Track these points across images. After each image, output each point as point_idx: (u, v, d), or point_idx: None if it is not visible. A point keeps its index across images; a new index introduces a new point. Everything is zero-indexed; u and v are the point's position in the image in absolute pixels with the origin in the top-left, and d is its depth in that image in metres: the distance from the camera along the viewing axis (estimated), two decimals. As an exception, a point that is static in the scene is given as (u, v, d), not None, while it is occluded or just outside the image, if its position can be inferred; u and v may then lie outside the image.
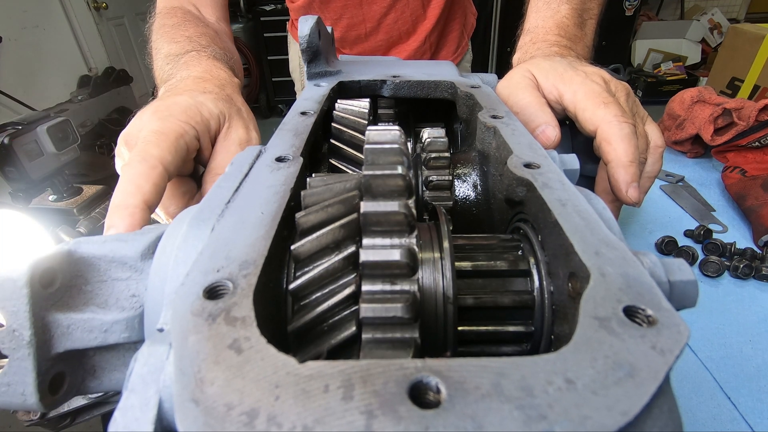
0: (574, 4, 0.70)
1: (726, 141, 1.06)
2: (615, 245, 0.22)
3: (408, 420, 0.14)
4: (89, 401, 0.59)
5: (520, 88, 0.54)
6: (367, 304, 0.21)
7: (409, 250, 0.22)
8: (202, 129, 0.49)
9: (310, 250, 0.24)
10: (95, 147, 3.17)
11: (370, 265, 0.22)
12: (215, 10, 0.84)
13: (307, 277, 0.23)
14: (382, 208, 0.23)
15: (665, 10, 5.28)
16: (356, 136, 0.41)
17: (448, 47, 1.25)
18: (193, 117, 0.48)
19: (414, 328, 0.22)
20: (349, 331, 0.22)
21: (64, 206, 1.61)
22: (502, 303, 0.26)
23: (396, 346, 0.21)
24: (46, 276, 0.25)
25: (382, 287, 0.22)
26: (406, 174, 0.24)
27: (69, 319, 0.25)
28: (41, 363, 0.24)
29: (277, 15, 4.17)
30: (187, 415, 0.15)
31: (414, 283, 0.22)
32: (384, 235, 0.23)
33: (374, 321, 0.21)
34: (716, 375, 0.61)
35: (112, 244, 0.28)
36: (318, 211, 0.25)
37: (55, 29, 3.47)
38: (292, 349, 0.24)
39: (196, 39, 0.67)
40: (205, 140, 0.49)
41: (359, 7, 1.11)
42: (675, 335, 0.17)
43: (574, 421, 0.14)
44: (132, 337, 0.27)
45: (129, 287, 0.28)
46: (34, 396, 0.24)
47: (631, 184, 0.45)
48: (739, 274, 0.77)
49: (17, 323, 0.24)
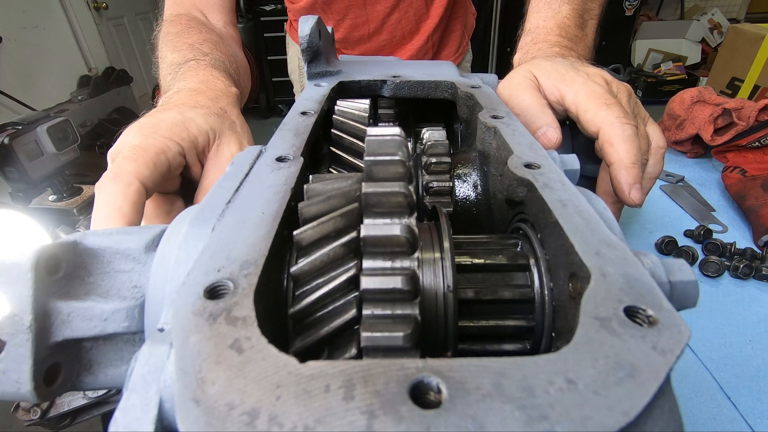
0: (575, 4, 0.70)
1: (726, 141, 1.06)
2: (616, 245, 0.22)
3: (409, 420, 0.14)
4: (89, 401, 0.59)
5: (521, 89, 0.54)
6: (367, 333, 0.21)
7: (409, 227, 0.22)
8: (188, 145, 0.48)
9: (312, 236, 0.24)
10: (95, 147, 3.17)
11: (371, 241, 0.22)
12: (222, 15, 0.84)
13: (308, 301, 0.23)
14: (383, 189, 0.23)
15: (665, 10, 5.28)
16: (356, 142, 0.41)
17: (450, 47, 1.25)
18: (178, 133, 0.47)
19: (414, 305, 0.22)
20: (350, 313, 0.23)
21: (64, 206, 1.61)
22: (503, 296, 0.26)
23: (396, 321, 0.21)
24: (51, 263, 0.25)
25: (383, 263, 0.22)
26: (405, 160, 0.24)
27: (70, 307, 0.26)
28: (39, 351, 0.24)
29: (276, 15, 4.17)
30: (188, 414, 0.15)
31: (414, 261, 0.23)
32: (384, 215, 0.23)
33: (374, 295, 0.22)
34: (716, 375, 0.61)
35: (117, 237, 0.28)
36: (320, 201, 0.25)
37: (55, 29, 3.47)
38: (291, 333, 0.24)
39: (198, 46, 0.66)
40: (191, 156, 0.49)
41: (363, 7, 1.10)
42: (676, 335, 0.17)
43: (576, 422, 0.14)
44: (131, 326, 0.27)
45: (131, 279, 0.28)
46: (28, 384, 0.24)
47: (633, 186, 0.45)
48: (739, 274, 0.77)
49: (19, 308, 0.24)
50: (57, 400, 0.60)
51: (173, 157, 0.46)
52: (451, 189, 0.39)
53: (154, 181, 0.43)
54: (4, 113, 2.84)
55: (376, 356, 0.21)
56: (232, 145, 0.51)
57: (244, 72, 0.75)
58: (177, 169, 0.47)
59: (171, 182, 0.49)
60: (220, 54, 0.67)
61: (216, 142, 0.51)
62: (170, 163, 0.45)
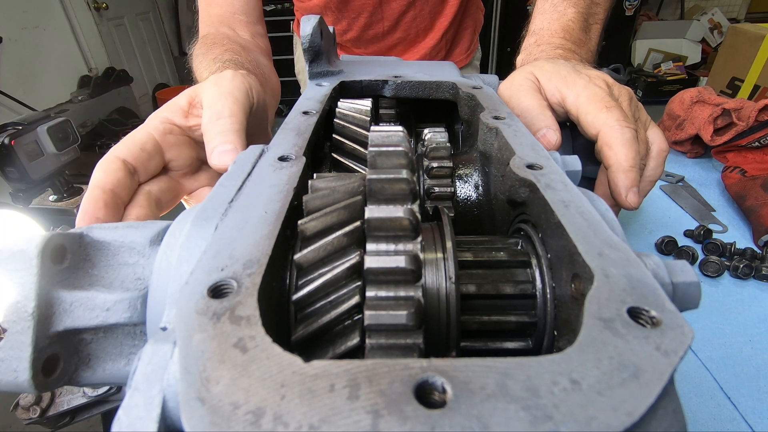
0: (580, 7, 0.70)
1: (726, 141, 1.06)
2: (618, 246, 0.22)
3: (414, 420, 0.14)
4: (89, 400, 0.59)
5: (522, 91, 0.54)
6: (371, 311, 0.21)
7: (414, 257, 0.22)
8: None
9: (313, 259, 0.24)
10: (95, 147, 3.17)
11: (375, 223, 0.22)
12: (249, 27, 0.86)
13: (311, 288, 0.23)
14: (387, 214, 0.23)
15: (665, 10, 5.28)
16: (357, 148, 0.41)
17: (462, 45, 1.25)
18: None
19: (418, 334, 0.22)
20: (353, 342, 0.23)
21: (64, 206, 1.61)
22: (504, 291, 0.26)
23: (399, 302, 0.21)
24: (56, 252, 0.26)
25: (387, 293, 0.22)
26: (410, 178, 0.24)
27: (73, 296, 0.26)
28: (39, 339, 0.25)
29: (277, 15, 4.16)
30: (193, 413, 0.15)
31: (418, 289, 0.22)
32: (388, 240, 0.23)
33: (378, 276, 0.22)
34: (716, 375, 0.61)
35: (123, 230, 0.29)
36: (321, 217, 0.25)
37: (56, 29, 3.47)
38: (294, 321, 0.24)
39: (219, 56, 0.67)
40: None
41: (378, 5, 1.10)
42: (679, 336, 0.17)
43: (580, 422, 0.14)
44: (133, 317, 0.27)
45: (135, 271, 0.28)
46: (26, 373, 0.24)
47: (631, 189, 0.45)
48: (739, 274, 0.77)
49: (23, 294, 0.24)
50: (56, 398, 0.60)
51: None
52: (452, 194, 0.39)
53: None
54: (5, 113, 2.84)
55: (379, 338, 0.21)
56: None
57: (270, 80, 0.75)
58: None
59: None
60: (241, 59, 0.67)
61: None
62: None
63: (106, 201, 0.40)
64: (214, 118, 0.44)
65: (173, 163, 0.48)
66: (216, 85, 0.47)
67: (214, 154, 0.42)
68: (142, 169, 0.44)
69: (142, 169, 0.44)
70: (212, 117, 0.44)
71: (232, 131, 0.43)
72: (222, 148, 0.42)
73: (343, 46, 1.20)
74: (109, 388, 0.53)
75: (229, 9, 0.84)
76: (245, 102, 0.47)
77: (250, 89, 0.49)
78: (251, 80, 0.51)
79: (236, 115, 0.44)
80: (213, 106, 0.45)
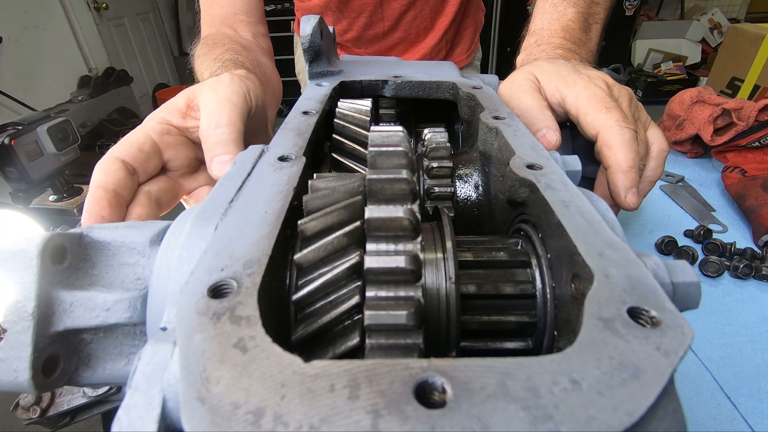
0: (580, 7, 0.70)
1: (726, 141, 1.06)
2: (618, 247, 0.22)
3: (414, 420, 0.14)
4: (89, 400, 0.59)
5: (522, 91, 0.54)
6: (371, 311, 0.21)
7: (414, 257, 0.22)
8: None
9: (313, 259, 0.24)
10: (95, 147, 3.17)
11: (375, 223, 0.22)
12: (250, 27, 0.86)
13: (311, 288, 0.23)
14: (387, 214, 0.23)
15: (665, 10, 5.28)
16: (357, 149, 0.41)
17: (463, 45, 1.24)
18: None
19: (418, 334, 0.22)
20: (353, 342, 0.23)
21: (64, 206, 1.61)
22: (504, 291, 0.26)
23: (399, 302, 0.21)
24: (57, 252, 0.26)
25: (387, 293, 0.22)
26: (410, 178, 0.24)
27: (73, 296, 0.26)
28: (39, 339, 0.25)
29: (277, 15, 4.16)
30: (193, 413, 0.15)
31: (418, 289, 0.22)
32: (388, 240, 0.23)
33: (378, 276, 0.22)
34: (716, 375, 0.61)
35: (123, 230, 0.29)
36: (321, 217, 0.25)
37: (55, 29, 3.47)
38: (294, 321, 0.24)
39: (220, 56, 0.67)
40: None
41: (379, 5, 1.10)
42: (679, 336, 0.17)
43: (580, 422, 0.14)
44: (133, 317, 0.27)
45: (135, 271, 0.28)
46: (26, 373, 0.24)
47: (630, 190, 0.45)
48: (739, 274, 0.77)
49: (23, 294, 0.24)
50: (56, 398, 0.60)
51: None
52: (452, 195, 0.39)
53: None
54: (5, 113, 2.84)
55: (379, 338, 0.21)
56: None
57: (271, 79, 0.75)
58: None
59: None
60: (242, 58, 0.67)
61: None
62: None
63: (109, 200, 0.40)
64: (212, 127, 0.44)
65: (172, 163, 0.48)
66: (213, 90, 0.47)
67: (214, 164, 0.43)
68: (141, 169, 0.44)
69: (141, 169, 0.44)
70: (210, 125, 0.44)
71: (230, 141, 0.44)
72: (221, 158, 0.43)
73: (343, 46, 1.20)
74: (109, 388, 0.53)
75: (230, 9, 0.84)
76: (243, 107, 0.47)
77: (248, 92, 0.49)
78: (249, 82, 0.51)
79: (234, 124, 0.45)
80: (211, 114, 0.45)
